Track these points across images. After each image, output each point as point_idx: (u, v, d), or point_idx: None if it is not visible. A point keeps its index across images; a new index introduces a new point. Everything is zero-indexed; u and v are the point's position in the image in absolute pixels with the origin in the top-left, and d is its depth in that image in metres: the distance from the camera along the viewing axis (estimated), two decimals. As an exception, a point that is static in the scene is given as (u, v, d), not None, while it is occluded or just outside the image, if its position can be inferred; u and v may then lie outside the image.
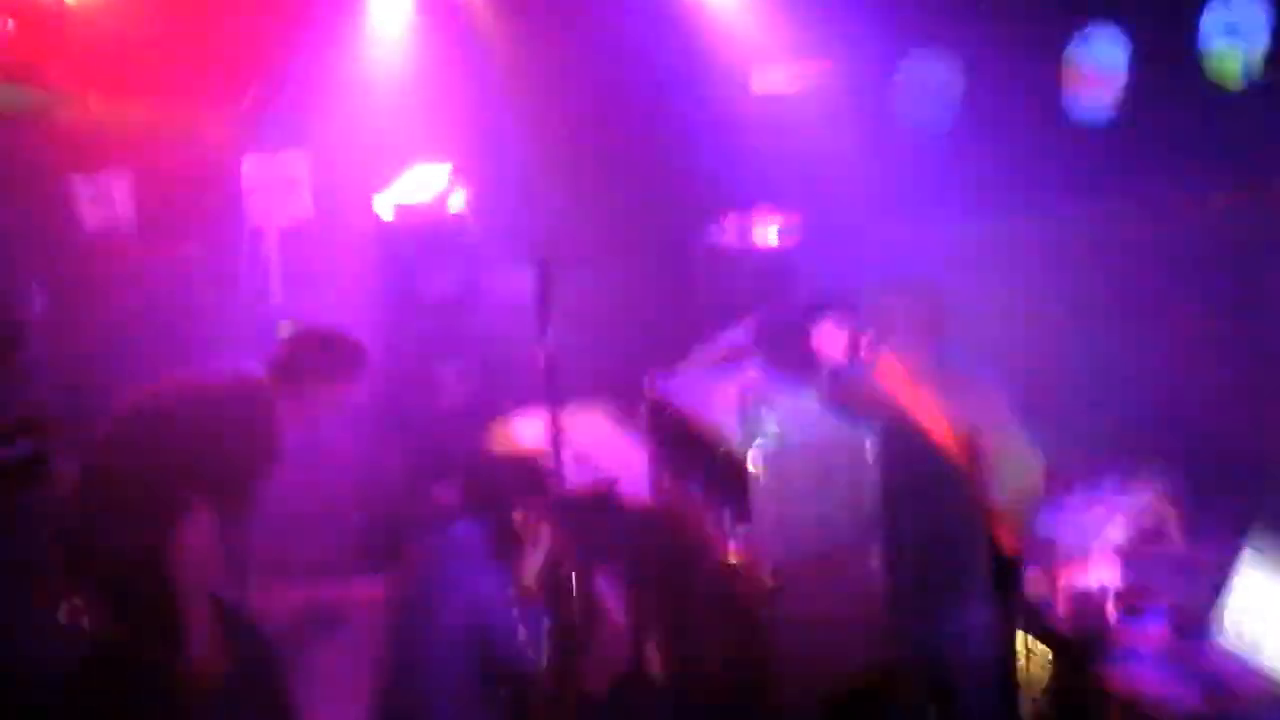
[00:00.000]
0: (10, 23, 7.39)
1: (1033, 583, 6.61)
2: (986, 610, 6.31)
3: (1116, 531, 7.00)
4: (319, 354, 6.83)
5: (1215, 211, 9.84)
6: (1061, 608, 6.44)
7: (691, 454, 6.26)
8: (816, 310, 7.70)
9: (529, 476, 6.77)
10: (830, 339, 7.65)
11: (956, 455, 6.16)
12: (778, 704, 5.72)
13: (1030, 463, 6.33)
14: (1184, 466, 7.28)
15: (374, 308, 11.17)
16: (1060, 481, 7.63)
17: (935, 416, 6.15)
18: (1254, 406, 9.13)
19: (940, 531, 6.14)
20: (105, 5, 9.88)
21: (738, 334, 8.03)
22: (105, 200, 10.29)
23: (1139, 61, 10.77)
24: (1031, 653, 6.58)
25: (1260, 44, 9.82)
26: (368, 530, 10.29)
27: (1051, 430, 7.64)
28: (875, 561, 5.69)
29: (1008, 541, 6.33)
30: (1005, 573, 6.40)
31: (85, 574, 6.23)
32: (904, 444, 6.09)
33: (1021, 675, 6.67)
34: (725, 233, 11.23)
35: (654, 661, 7.81)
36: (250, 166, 10.84)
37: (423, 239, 10.97)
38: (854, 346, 7.14)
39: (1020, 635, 6.62)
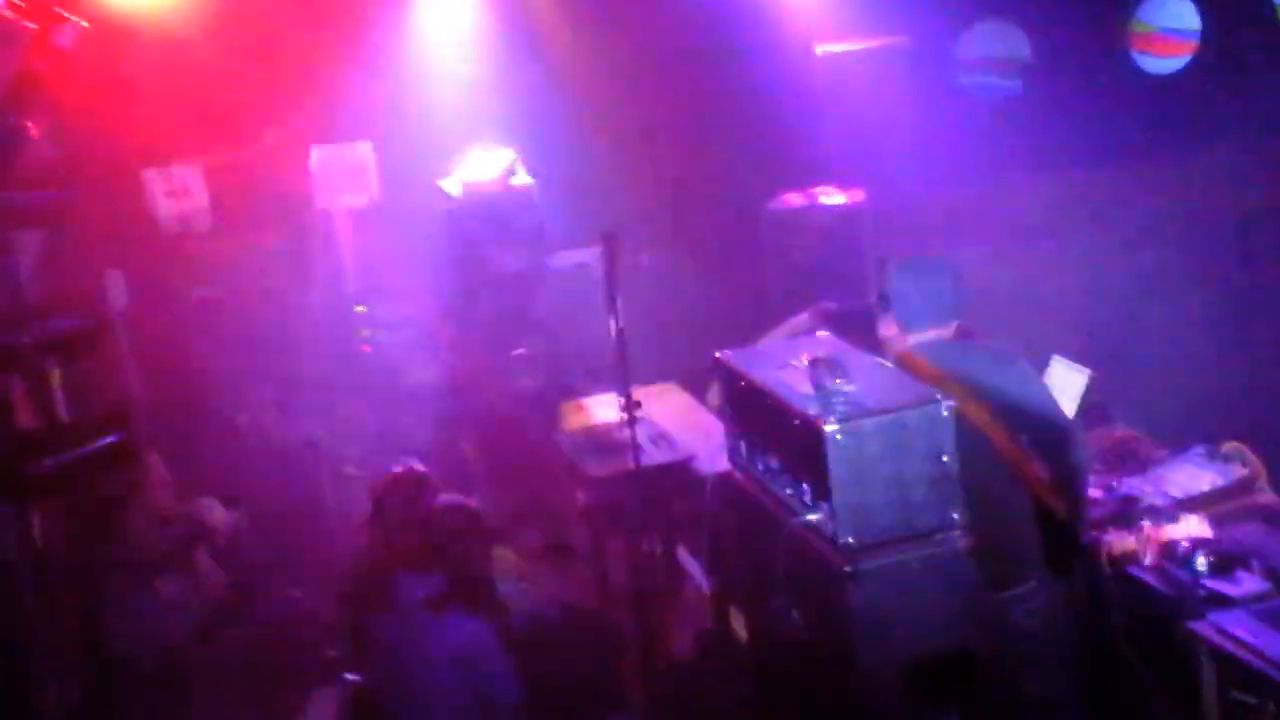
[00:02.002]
0: (83, 24, 7.49)
1: (1120, 541, 6.62)
2: (1044, 581, 6.28)
3: (1205, 487, 7.00)
4: None
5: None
6: (1151, 563, 6.45)
7: (766, 425, 6.22)
8: (884, 302, 7.68)
9: (470, 525, 7.06)
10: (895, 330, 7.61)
11: (993, 433, 6.12)
12: (860, 672, 5.70)
13: (1072, 435, 6.29)
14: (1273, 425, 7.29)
15: (444, 289, 11.30)
16: (1149, 443, 7.65)
17: (965, 398, 6.10)
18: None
19: (985, 508, 6.09)
20: (173, 9, 10.03)
21: (802, 320, 7.96)
22: (180, 193, 10.43)
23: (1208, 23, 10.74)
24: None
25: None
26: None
27: (1135, 393, 7.66)
28: (957, 530, 5.63)
29: (1060, 510, 6.30)
30: (1062, 542, 6.36)
31: None
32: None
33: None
34: (791, 207, 11.25)
35: (738, 627, 7.88)
36: (319, 156, 10.95)
37: (489, 218, 11.03)
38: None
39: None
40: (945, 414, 5.55)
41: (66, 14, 7.31)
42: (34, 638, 6.49)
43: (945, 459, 5.55)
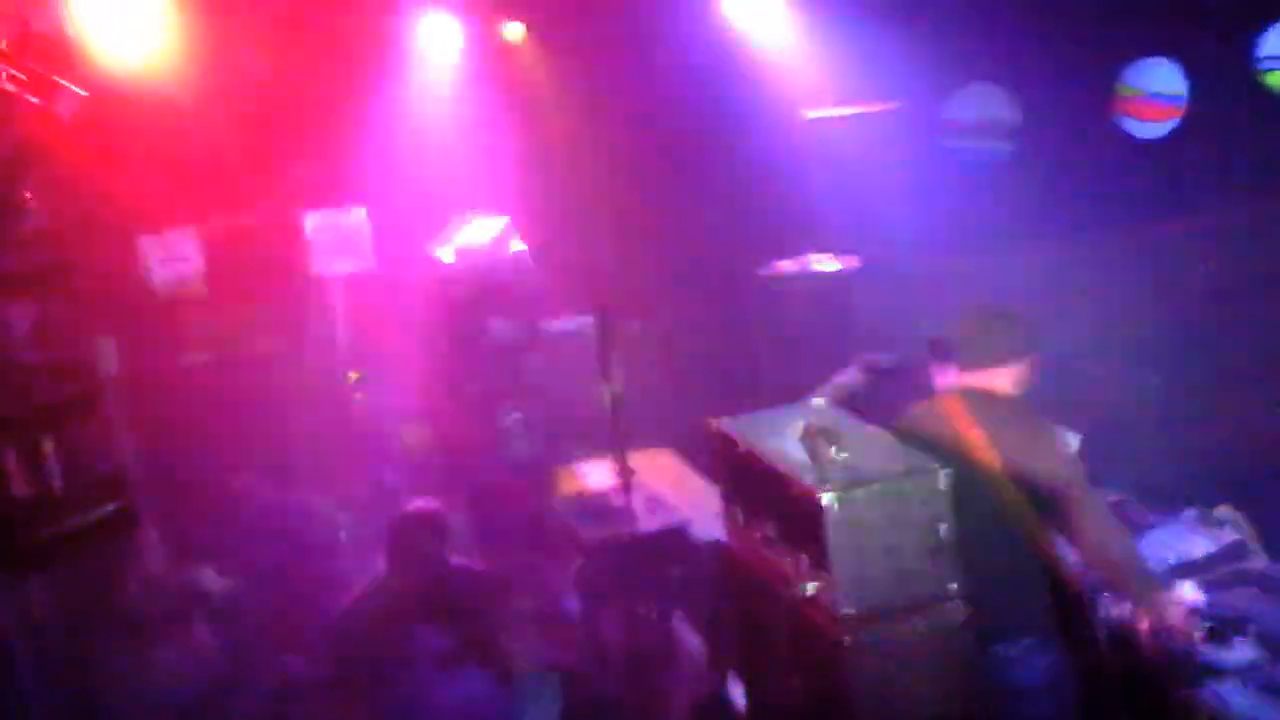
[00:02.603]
0: (82, 93, 7.52)
1: (1114, 608, 6.62)
2: (1049, 647, 6.29)
3: (1198, 553, 7.01)
4: None
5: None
6: (1145, 631, 6.46)
7: (763, 493, 6.22)
8: (940, 350, 7.58)
9: (481, 587, 7.13)
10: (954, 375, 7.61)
11: (1012, 493, 6.15)
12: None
13: (1093, 503, 6.32)
14: (1264, 489, 7.31)
15: (437, 355, 11.30)
16: (1141, 509, 7.65)
17: (992, 452, 6.14)
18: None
19: (988, 559, 6.08)
20: (170, 74, 10.08)
21: (851, 375, 7.97)
22: (174, 259, 10.45)
23: (1194, 86, 10.80)
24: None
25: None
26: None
27: (1129, 458, 7.66)
28: (955, 598, 5.62)
29: (1071, 579, 6.32)
30: (1070, 608, 6.39)
31: None
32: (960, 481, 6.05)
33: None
34: (782, 273, 11.30)
35: (736, 695, 7.85)
36: (313, 222, 10.97)
37: (483, 284, 11.06)
38: None
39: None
40: (943, 486, 5.55)
41: (65, 83, 7.34)
42: (31, 709, 6.47)
43: (943, 528, 5.55)
